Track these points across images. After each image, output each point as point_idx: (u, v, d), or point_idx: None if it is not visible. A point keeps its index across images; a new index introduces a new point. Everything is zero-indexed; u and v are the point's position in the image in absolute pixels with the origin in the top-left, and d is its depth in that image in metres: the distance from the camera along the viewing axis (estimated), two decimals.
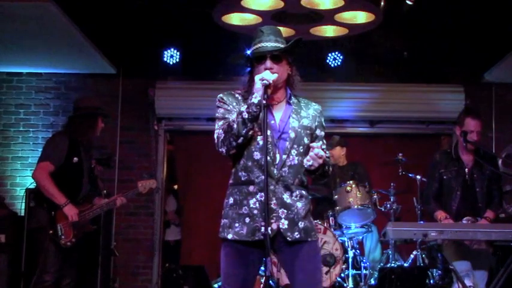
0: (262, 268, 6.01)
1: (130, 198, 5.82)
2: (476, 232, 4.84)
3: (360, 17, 6.73)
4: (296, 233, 3.51)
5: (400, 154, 7.29)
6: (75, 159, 5.46)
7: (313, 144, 3.45)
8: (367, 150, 8.41)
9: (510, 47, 7.12)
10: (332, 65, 7.91)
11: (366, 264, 7.08)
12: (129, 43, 7.40)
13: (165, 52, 7.71)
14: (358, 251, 7.19)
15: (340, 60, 7.86)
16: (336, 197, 7.04)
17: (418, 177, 7.18)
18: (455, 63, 7.86)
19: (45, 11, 6.14)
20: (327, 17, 6.67)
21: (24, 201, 6.11)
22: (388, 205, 7.28)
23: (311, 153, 3.41)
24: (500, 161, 5.95)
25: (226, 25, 6.85)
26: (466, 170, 5.40)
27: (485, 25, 6.80)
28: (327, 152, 3.68)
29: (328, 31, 7.11)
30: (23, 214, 6.23)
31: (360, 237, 7.44)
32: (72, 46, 7.14)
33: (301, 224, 3.53)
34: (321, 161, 3.42)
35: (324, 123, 3.75)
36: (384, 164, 7.65)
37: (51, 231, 5.34)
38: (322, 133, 3.72)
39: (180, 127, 8.57)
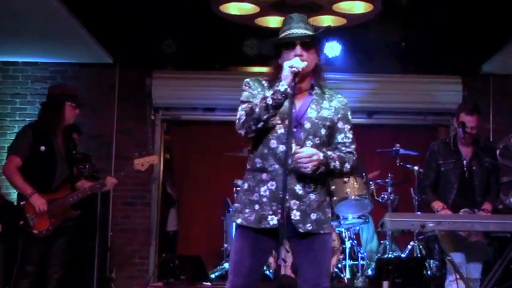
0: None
1: (128, 188, 5.73)
2: (474, 223, 4.83)
3: (358, 7, 6.71)
4: (308, 225, 3.48)
5: (398, 145, 7.28)
6: (42, 148, 5.40)
7: (299, 150, 3.39)
8: (364, 141, 8.36)
9: (508, 38, 7.10)
10: (329, 56, 7.88)
11: (363, 255, 7.11)
12: (126, 32, 7.37)
13: (162, 42, 7.68)
14: (355, 241, 7.20)
15: (337, 50, 7.83)
16: (333, 187, 7.02)
17: (416, 168, 7.18)
18: (453, 54, 7.84)
19: (42, 0, 6.11)
20: (325, 7, 6.65)
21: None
22: (386, 196, 7.29)
23: (300, 159, 3.37)
24: (498, 152, 5.94)
25: (223, 15, 6.83)
26: (465, 162, 5.38)
27: (483, 16, 6.78)
28: (351, 146, 3.60)
29: (326, 21, 7.07)
30: None
31: (357, 228, 7.45)
32: (68, 35, 7.10)
33: (313, 216, 3.49)
34: (314, 162, 3.36)
35: (349, 117, 3.65)
36: (381, 154, 7.65)
37: (21, 222, 5.32)
38: (346, 126, 3.62)
39: (177, 117, 8.55)
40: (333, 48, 7.81)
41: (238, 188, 7.55)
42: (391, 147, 7.32)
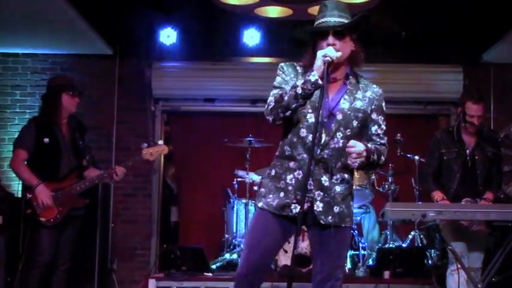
0: None
1: (128, 180, 5.70)
2: (475, 212, 4.83)
3: None
4: (330, 217, 3.47)
5: (398, 135, 7.26)
6: (46, 140, 5.47)
7: (349, 144, 3.35)
8: None
9: (508, 26, 7.08)
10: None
11: (364, 245, 7.10)
12: (125, 23, 7.34)
13: (162, 32, 7.66)
14: (356, 231, 7.19)
15: None
16: None
17: (416, 157, 7.17)
18: (453, 43, 7.81)
19: None
20: None
21: (20, 182, 6.09)
22: (386, 186, 7.28)
23: (351, 154, 3.33)
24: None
25: (223, 5, 6.80)
26: (468, 151, 5.37)
27: (483, 5, 6.75)
28: (384, 138, 3.58)
29: None
30: (20, 196, 6.22)
31: (358, 218, 7.45)
32: (68, 27, 7.08)
33: (336, 209, 3.49)
34: (362, 158, 3.33)
35: (383, 107, 3.62)
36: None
37: (29, 211, 5.37)
38: (380, 117, 3.59)
39: (177, 108, 8.54)
40: None
41: (239, 179, 7.58)
42: (392, 137, 7.30)
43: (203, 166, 8.55)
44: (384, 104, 3.64)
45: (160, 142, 5.86)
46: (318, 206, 3.46)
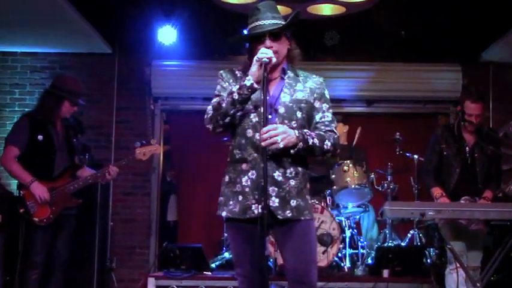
0: None
1: (128, 178, 5.68)
2: (474, 211, 4.83)
3: None
4: (288, 212, 3.46)
5: (397, 133, 7.27)
6: (40, 137, 5.42)
7: (263, 129, 3.33)
8: (364, 130, 8.39)
9: (508, 26, 7.08)
10: (329, 44, 7.86)
11: (363, 244, 7.11)
12: (125, 22, 7.34)
13: (161, 31, 7.65)
14: (355, 230, 7.20)
15: (337, 39, 7.81)
16: (333, 176, 7.04)
17: (415, 156, 7.17)
18: (453, 43, 7.81)
19: None
20: None
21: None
22: (385, 185, 7.28)
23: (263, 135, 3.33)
24: None
25: (222, 4, 6.80)
26: (467, 148, 5.38)
27: (483, 4, 6.75)
28: (331, 125, 3.56)
29: (326, 10, 7.05)
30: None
31: (357, 217, 7.45)
32: (67, 25, 7.08)
33: (293, 203, 3.47)
34: (271, 140, 3.31)
35: (326, 96, 3.63)
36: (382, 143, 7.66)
37: (22, 210, 5.35)
38: (324, 105, 3.60)
39: (176, 107, 8.53)
40: (332, 37, 7.79)
41: None
42: (391, 136, 7.31)
43: (202, 165, 8.54)
44: (326, 92, 3.65)
45: (154, 141, 5.83)
46: (274, 202, 3.44)
